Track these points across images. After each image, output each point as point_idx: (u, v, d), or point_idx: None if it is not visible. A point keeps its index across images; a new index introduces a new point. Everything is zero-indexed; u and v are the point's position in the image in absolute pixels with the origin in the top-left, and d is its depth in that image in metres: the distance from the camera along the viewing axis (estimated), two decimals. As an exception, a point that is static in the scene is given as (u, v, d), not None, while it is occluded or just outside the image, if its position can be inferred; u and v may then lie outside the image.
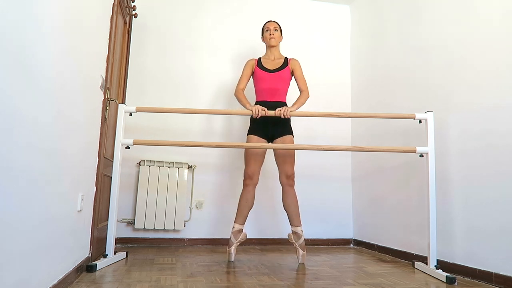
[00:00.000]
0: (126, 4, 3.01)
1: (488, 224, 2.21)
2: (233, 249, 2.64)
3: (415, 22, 2.99)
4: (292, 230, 2.72)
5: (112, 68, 2.62)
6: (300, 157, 3.60)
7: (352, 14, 4.06)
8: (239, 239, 2.66)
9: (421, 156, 2.59)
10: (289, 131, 2.76)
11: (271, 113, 2.59)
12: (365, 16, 3.79)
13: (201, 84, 3.63)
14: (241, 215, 2.69)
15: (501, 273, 2.09)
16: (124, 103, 3.00)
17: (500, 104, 2.19)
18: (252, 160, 2.71)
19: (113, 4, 2.55)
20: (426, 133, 2.52)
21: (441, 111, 2.63)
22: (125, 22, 3.11)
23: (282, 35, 2.98)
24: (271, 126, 2.74)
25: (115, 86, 2.86)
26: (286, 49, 3.70)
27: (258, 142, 2.73)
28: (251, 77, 2.91)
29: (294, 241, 2.68)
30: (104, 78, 2.42)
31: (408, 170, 2.96)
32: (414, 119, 2.55)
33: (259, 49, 3.59)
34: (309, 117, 3.49)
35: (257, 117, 2.63)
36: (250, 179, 2.70)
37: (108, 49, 2.47)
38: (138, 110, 2.56)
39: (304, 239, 2.72)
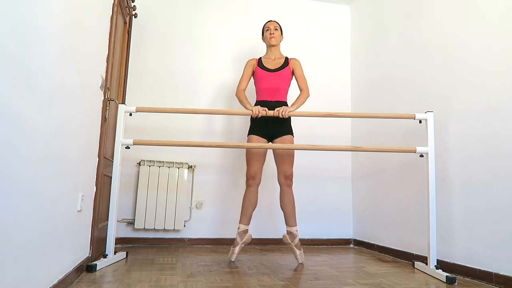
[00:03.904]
0: (126, 4, 3.01)
1: (488, 224, 2.21)
2: (237, 249, 2.65)
3: (415, 22, 2.99)
4: (287, 230, 2.72)
5: (112, 68, 2.62)
6: (300, 157, 3.60)
7: (352, 14, 4.06)
8: (244, 239, 2.67)
9: (421, 156, 2.59)
10: (289, 131, 2.76)
11: (270, 113, 2.60)
12: (365, 16, 3.79)
13: (201, 84, 3.63)
14: (246, 216, 2.70)
15: (501, 273, 2.09)
16: (124, 103, 3.01)
17: (500, 104, 2.19)
18: (253, 160, 2.72)
19: (113, 4, 2.55)
20: (426, 133, 2.52)
21: (441, 111, 2.63)
22: (125, 22, 3.12)
23: (283, 34, 2.98)
24: (271, 126, 2.74)
25: (115, 86, 2.86)
26: (286, 49, 3.70)
27: (258, 142, 2.73)
28: (252, 77, 2.91)
29: (289, 241, 2.68)
30: (104, 78, 2.42)
31: (408, 170, 2.96)
32: (414, 119, 2.55)
33: (259, 49, 3.60)
34: (309, 117, 3.50)
35: (257, 117, 2.64)
36: (252, 179, 2.71)
37: (108, 49, 2.47)
38: (138, 110, 2.56)
39: (299, 238, 2.71)
